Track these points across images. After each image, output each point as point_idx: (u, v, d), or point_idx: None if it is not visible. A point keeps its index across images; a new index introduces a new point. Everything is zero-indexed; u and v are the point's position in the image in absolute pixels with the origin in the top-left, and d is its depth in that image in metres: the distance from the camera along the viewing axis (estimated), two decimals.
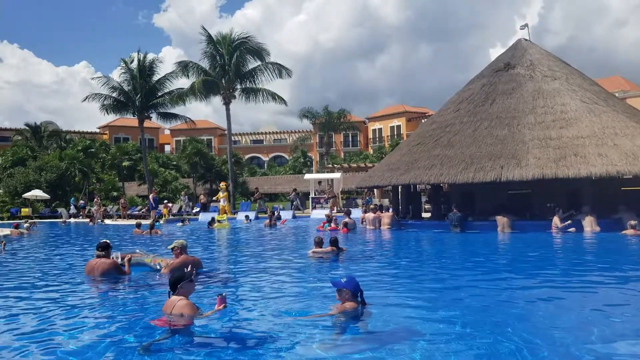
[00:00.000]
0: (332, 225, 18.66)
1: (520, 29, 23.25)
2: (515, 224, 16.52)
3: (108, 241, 9.21)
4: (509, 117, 18.56)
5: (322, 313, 6.02)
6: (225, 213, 27.31)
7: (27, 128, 55.42)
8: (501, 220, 16.51)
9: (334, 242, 11.63)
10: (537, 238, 14.86)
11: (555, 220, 15.97)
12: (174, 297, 5.85)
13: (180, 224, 24.91)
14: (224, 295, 5.91)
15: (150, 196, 31.41)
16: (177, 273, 6.19)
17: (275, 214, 25.72)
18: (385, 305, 6.43)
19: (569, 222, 15.76)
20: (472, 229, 17.07)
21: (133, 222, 24.01)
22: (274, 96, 38.49)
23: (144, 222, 22.77)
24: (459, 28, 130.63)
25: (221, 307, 5.81)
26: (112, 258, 9.10)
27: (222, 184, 31.44)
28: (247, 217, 26.01)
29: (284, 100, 39.04)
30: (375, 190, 33.37)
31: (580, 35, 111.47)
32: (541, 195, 18.04)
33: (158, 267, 9.35)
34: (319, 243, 11.68)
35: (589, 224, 15.65)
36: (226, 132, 41.51)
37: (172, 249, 9.22)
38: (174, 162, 54.22)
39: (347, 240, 15.23)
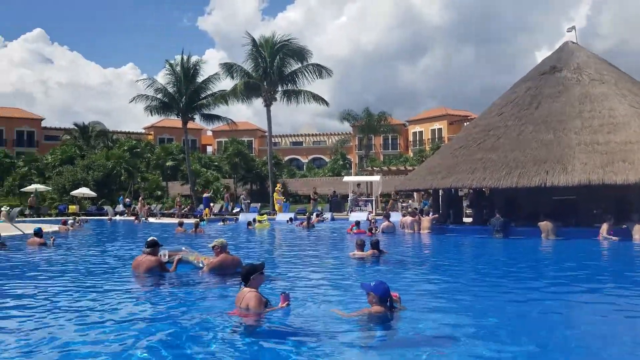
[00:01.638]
0: (358, 229, 18.48)
1: (567, 31, 22.76)
2: (560, 231, 16.13)
3: (156, 239, 9.44)
4: (555, 121, 18.15)
5: (348, 312, 6.05)
6: (269, 214, 27.64)
7: (75, 128, 57.30)
8: (545, 226, 16.15)
9: (375, 244, 11.60)
10: (582, 245, 14.48)
11: (604, 227, 15.47)
12: (244, 289, 6.05)
13: (221, 223, 25.35)
14: (288, 294, 6.07)
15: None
16: (248, 266, 6.39)
17: (317, 215, 25.88)
18: (418, 310, 6.36)
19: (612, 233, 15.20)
20: (515, 235, 16.76)
21: (191, 221, 24.31)
22: (315, 97, 38.72)
23: (186, 221, 23.19)
24: (504, 30, 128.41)
25: (284, 304, 5.96)
26: (160, 256, 9.33)
27: (278, 186, 32.16)
28: (290, 218, 26.29)
29: (325, 100, 39.22)
30: (415, 194, 33.10)
31: (631, 39, 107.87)
32: (587, 201, 17.56)
33: (200, 265, 9.54)
34: (361, 245, 11.70)
35: (638, 232, 15.15)
36: (266, 133, 41.93)
37: (213, 247, 9.42)
38: (216, 163, 55.13)
39: (384, 243, 15.17)
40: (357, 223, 19.19)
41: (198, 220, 22.89)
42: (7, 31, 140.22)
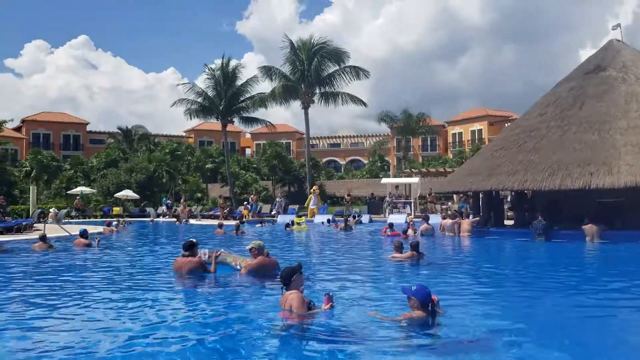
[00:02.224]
0: (392, 231, 18.36)
1: (612, 29, 22.10)
2: (605, 234, 15.69)
3: (194, 240, 9.61)
4: (599, 121, 17.67)
5: (389, 317, 6.01)
6: (305, 216, 27.75)
7: (119, 131, 58.79)
8: (590, 229, 15.73)
9: (415, 246, 11.50)
10: (630, 249, 14.05)
11: None
12: (287, 292, 6.12)
13: (259, 225, 25.61)
14: (331, 295, 6.11)
15: (251, 197, 32.92)
16: (287, 268, 6.47)
17: (354, 217, 25.87)
18: (461, 315, 6.27)
19: None
20: (558, 238, 16.39)
21: (230, 222, 24.67)
22: (353, 98, 38.78)
23: (226, 223, 23.50)
24: (546, 28, 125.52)
25: (328, 306, 6.01)
26: (199, 255, 9.49)
27: (315, 188, 32.30)
28: (328, 220, 26.35)
29: (362, 101, 39.25)
30: (454, 196, 32.70)
31: None
32: (634, 204, 17.01)
33: (238, 267, 9.65)
34: (399, 247, 11.64)
35: None
36: (304, 135, 42.17)
37: (250, 249, 9.53)
38: (254, 165, 55.67)
39: (423, 246, 15.05)
40: (391, 225, 19.09)
41: (239, 222, 23.14)
42: (53, 38, 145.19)
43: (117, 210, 36.63)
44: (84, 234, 15.22)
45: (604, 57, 20.45)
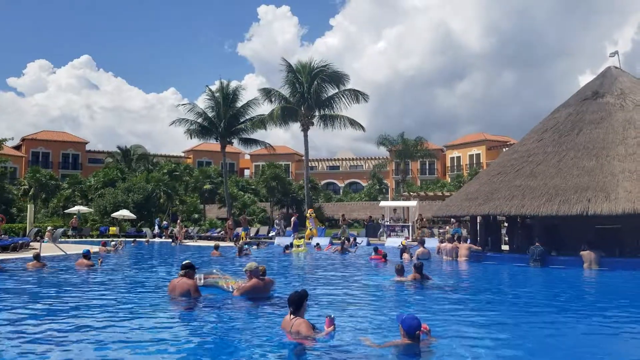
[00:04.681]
0: (375, 254, 18.27)
1: (610, 56, 22.25)
2: (603, 261, 15.60)
3: (190, 262, 9.52)
4: (597, 147, 17.71)
5: (378, 343, 6.00)
6: (303, 238, 27.55)
7: (118, 151, 58.92)
8: (588, 256, 15.65)
9: (418, 268, 11.40)
10: (628, 277, 13.95)
11: None
12: (291, 317, 6.21)
13: (255, 247, 25.37)
14: (333, 317, 6.16)
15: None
16: (297, 293, 6.51)
17: (351, 240, 25.73)
18: (450, 342, 6.23)
19: None
20: (555, 264, 16.29)
21: (227, 244, 24.58)
22: (352, 122, 38.98)
23: (222, 244, 23.36)
24: (545, 54, 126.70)
25: (330, 328, 6.07)
26: (196, 279, 9.40)
27: (310, 211, 32.10)
28: (317, 244, 26.15)
29: (361, 126, 39.44)
30: (452, 220, 32.63)
31: None
32: (633, 231, 16.96)
33: (230, 290, 9.57)
34: (400, 271, 11.58)
35: None
36: (303, 157, 42.22)
37: (245, 271, 9.47)
38: (253, 186, 55.64)
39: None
40: (375, 249, 18.96)
41: (240, 244, 22.93)
42: (56, 58, 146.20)
43: (113, 230, 36.50)
44: (87, 254, 15.05)
45: (602, 84, 20.58)
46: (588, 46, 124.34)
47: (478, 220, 22.10)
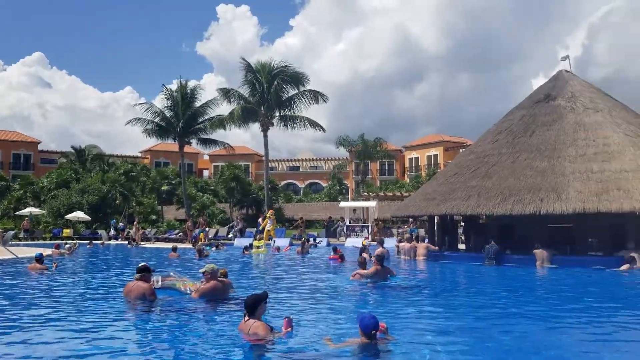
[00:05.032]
0: (333, 254, 18.37)
1: (561, 60, 22.95)
2: (555, 259, 16.10)
3: (146, 265, 9.34)
4: (549, 149, 18.25)
5: (336, 343, 6.02)
6: (262, 239, 27.36)
7: (72, 151, 57.32)
8: (540, 254, 16.12)
9: (380, 258, 11.49)
10: (578, 274, 14.42)
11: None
12: (248, 320, 6.17)
13: (214, 248, 25.07)
14: (291, 318, 6.23)
15: (199, 220, 32.42)
16: (253, 296, 6.46)
17: (310, 241, 25.75)
18: (408, 341, 6.32)
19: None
20: (509, 263, 16.70)
21: (185, 246, 24.26)
22: (312, 123, 39.01)
23: (180, 245, 23.03)
24: (501, 58, 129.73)
25: (288, 329, 6.11)
26: (152, 282, 9.23)
27: (271, 212, 31.82)
28: (277, 247, 26.07)
29: (321, 127, 39.52)
30: (410, 219, 33.08)
31: (627, 67, 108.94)
32: (583, 229, 17.56)
33: (188, 292, 9.45)
34: (363, 263, 11.66)
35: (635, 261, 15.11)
36: (263, 158, 42.05)
37: (203, 273, 9.35)
38: (212, 187, 55.01)
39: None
40: (334, 249, 19.03)
41: (199, 246, 22.62)
42: (6, 55, 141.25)
43: (67, 232, 35.50)
44: (39, 258, 14.55)
45: (554, 87, 21.23)
46: (541, 50, 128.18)
47: (436, 220, 22.48)
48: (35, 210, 38.58)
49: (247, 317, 6.22)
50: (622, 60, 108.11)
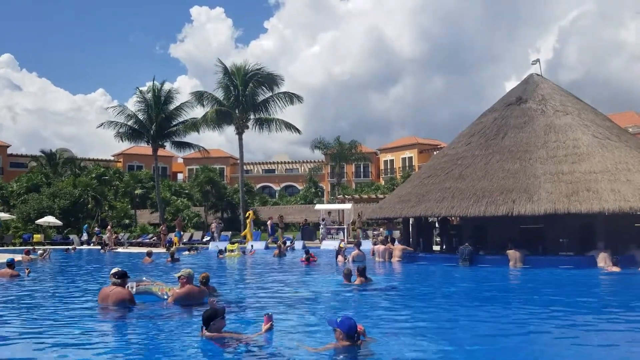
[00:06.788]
0: (306, 256, 18.45)
1: (532, 64, 23.42)
2: (527, 259, 16.37)
3: (125, 270, 9.16)
4: (521, 151, 18.57)
5: (315, 347, 6.01)
6: (239, 243, 27.28)
7: (42, 155, 56.22)
8: (513, 254, 16.36)
9: (361, 272, 11.67)
10: (549, 273, 14.69)
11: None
12: (205, 332, 6.14)
13: (187, 252, 24.82)
14: (271, 315, 6.24)
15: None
16: (209, 310, 6.39)
17: (287, 244, 25.74)
18: (388, 342, 6.36)
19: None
20: (483, 263, 16.92)
21: (160, 250, 23.98)
22: (287, 125, 38.98)
23: (155, 250, 22.78)
24: (474, 61, 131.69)
25: (268, 325, 6.14)
26: (127, 287, 9.09)
27: (250, 213, 31.93)
28: (251, 247, 25.99)
29: (297, 129, 39.51)
30: (384, 221, 33.26)
31: (595, 70, 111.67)
32: (554, 230, 17.90)
33: (165, 297, 9.34)
34: (348, 275, 11.76)
35: (603, 260, 15.47)
36: (238, 161, 41.83)
37: (179, 277, 9.26)
38: (186, 191, 54.48)
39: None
40: (307, 252, 19.04)
41: (173, 250, 22.37)
42: None
43: (38, 237, 34.84)
44: (11, 263, 14.20)
45: (525, 90, 21.61)
46: (513, 53, 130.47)
47: (410, 222, 22.65)
48: (4, 215, 37.72)
49: (203, 330, 6.22)
50: (591, 63, 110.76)
